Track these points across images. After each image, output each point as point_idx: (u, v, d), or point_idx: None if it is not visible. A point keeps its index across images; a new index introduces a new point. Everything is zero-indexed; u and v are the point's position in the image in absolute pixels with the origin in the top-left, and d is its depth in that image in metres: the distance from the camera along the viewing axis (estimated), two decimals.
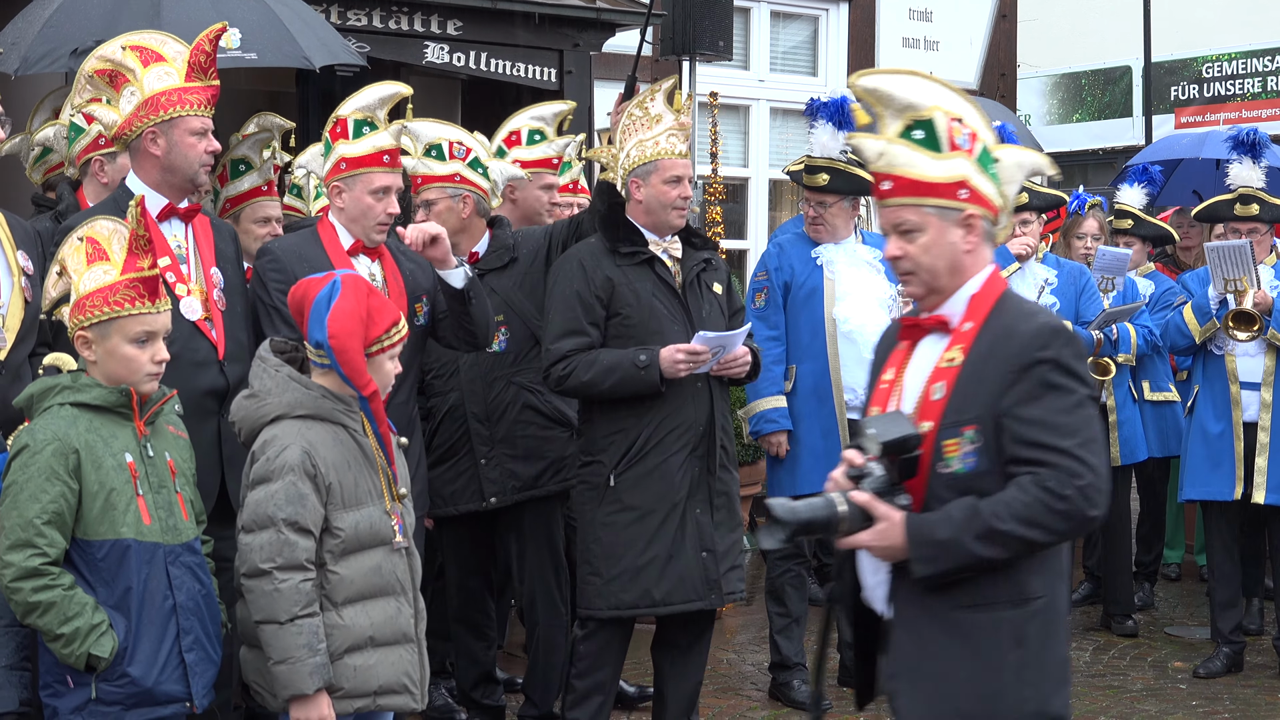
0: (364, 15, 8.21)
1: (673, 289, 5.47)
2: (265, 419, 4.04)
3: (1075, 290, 7.35)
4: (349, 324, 3.98)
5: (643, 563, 5.35)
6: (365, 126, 5.12)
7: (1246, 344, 7.07)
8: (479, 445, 5.93)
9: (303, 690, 3.89)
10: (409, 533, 4.19)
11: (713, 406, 5.47)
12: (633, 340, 5.38)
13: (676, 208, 5.47)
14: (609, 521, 5.39)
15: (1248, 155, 7.31)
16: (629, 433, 5.38)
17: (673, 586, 5.38)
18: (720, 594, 5.46)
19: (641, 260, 5.44)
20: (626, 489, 5.37)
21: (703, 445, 5.43)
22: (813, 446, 6.60)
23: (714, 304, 5.57)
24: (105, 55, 4.78)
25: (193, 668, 3.93)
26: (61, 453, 3.79)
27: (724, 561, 5.47)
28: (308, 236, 5.23)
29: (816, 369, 6.63)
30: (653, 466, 5.37)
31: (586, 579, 5.47)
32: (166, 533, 3.92)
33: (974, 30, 12.32)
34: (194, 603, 3.97)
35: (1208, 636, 7.67)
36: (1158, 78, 15.47)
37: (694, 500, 5.41)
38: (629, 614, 5.43)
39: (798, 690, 6.65)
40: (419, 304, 5.29)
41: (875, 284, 6.75)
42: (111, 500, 3.83)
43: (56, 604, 3.75)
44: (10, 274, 4.44)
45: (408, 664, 4.12)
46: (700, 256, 5.59)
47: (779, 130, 11.37)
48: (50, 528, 3.76)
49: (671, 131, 5.48)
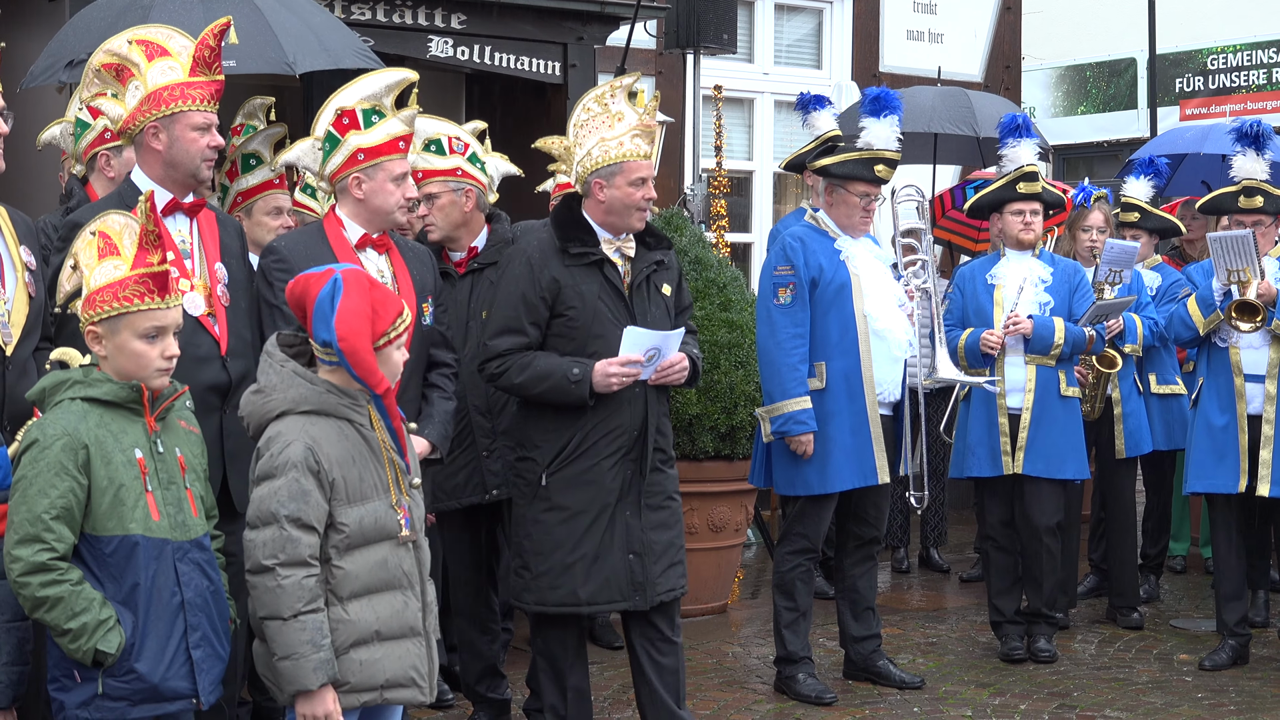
0: (368, 9, 8.20)
1: (619, 292, 5.44)
2: (271, 414, 4.04)
3: (1069, 288, 7.33)
4: (356, 323, 3.96)
5: (570, 562, 5.36)
6: (374, 115, 5.13)
7: (1250, 336, 7.06)
8: (481, 438, 5.94)
9: (307, 686, 3.90)
10: (417, 526, 4.18)
11: (647, 410, 5.44)
12: (574, 341, 5.36)
13: (640, 209, 5.44)
14: (539, 519, 5.40)
15: (1251, 147, 7.30)
16: (562, 434, 5.37)
17: (598, 587, 5.37)
18: (646, 596, 5.43)
19: (591, 261, 5.42)
20: (558, 490, 5.38)
21: (636, 449, 5.41)
22: (843, 444, 6.58)
23: (661, 306, 5.54)
24: (111, 49, 4.78)
25: (199, 664, 3.93)
26: (71, 448, 3.79)
27: (661, 561, 5.45)
28: (313, 232, 5.24)
29: (847, 365, 6.60)
30: (584, 469, 5.37)
31: (516, 571, 5.47)
32: (175, 529, 3.92)
33: (978, 23, 12.30)
34: (201, 599, 3.97)
35: (1213, 629, 7.67)
36: (1162, 70, 15.44)
37: (624, 503, 5.41)
38: (554, 611, 5.42)
39: (803, 684, 6.65)
40: (425, 304, 5.30)
41: (890, 282, 6.77)
42: (120, 496, 3.83)
43: (64, 599, 3.75)
44: (14, 269, 4.45)
45: (415, 658, 4.12)
46: (653, 258, 5.56)
47: (783, 123, 11.35)
48: (59, 523, 3.76)
49: (636, 132, 5.42)
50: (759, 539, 9.65)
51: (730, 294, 8.03)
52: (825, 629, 7.60)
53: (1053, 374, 7.25)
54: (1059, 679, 7.05)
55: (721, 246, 9.25)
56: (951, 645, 7.70)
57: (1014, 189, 7.36)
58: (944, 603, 8.74)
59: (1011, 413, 7.25)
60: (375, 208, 5.13)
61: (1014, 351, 7.25)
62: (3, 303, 4.38)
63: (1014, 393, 7.25)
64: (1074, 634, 7.88)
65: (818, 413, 6.54)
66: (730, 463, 7.91)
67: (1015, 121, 7.55)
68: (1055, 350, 7.17)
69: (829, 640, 7.46)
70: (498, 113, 9.53)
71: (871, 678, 6.89)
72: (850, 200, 6.70)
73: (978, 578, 8.85)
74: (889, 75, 11.48)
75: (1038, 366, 7.23)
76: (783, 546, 6.80)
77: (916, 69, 11.72)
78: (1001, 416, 7.24)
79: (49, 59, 6.29)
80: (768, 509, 9.49)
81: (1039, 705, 6.65)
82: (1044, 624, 7.41)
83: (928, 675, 7.03)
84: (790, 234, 6.79)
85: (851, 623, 6.91)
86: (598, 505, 5.37)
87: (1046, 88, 17.54)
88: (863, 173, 6.68)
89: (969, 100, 9.86)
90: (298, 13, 6.63)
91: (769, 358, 6.59)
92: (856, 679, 6.93)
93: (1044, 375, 7.24)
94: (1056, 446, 7.23)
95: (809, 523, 6.71)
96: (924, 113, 9.68)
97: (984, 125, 9.49)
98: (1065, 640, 7.69)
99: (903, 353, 6.73)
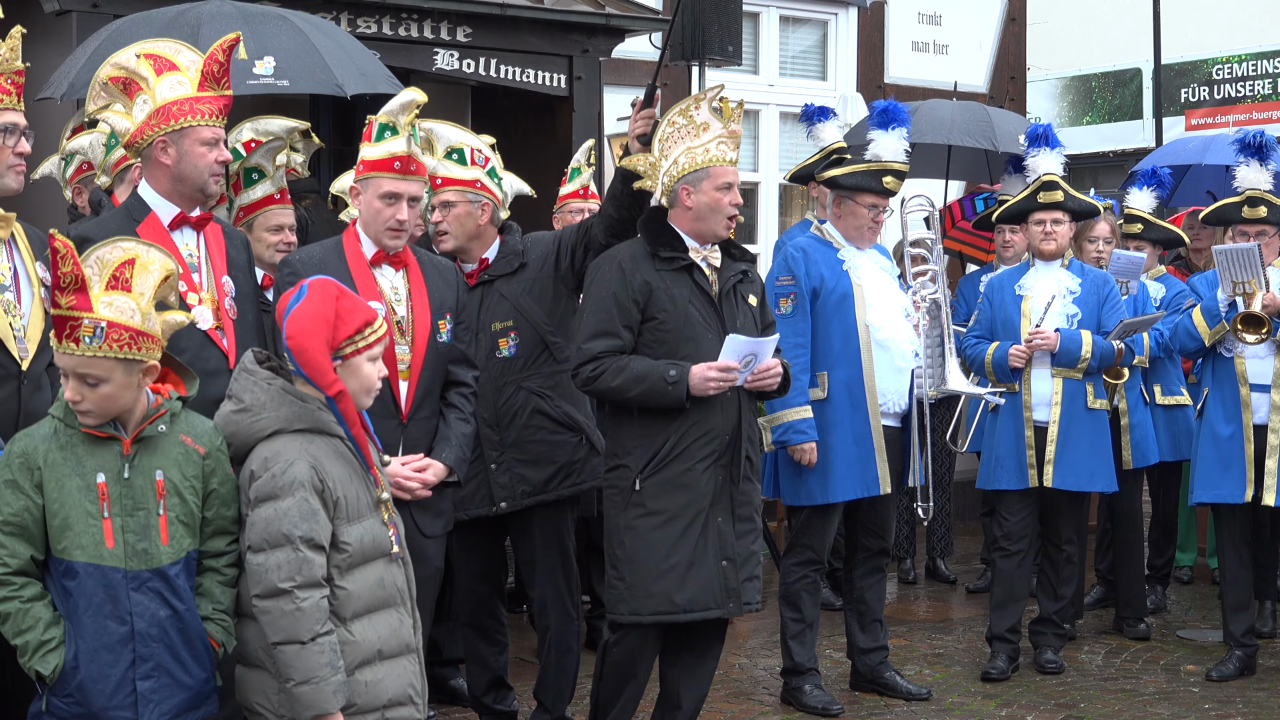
0: (374, 22, 8.23)
1: (709, 297, 5.47)
2: (261, 434, 3.96)
3: (1098, 300, 7.27)
4: (306, 324, 3.92)
5: (665, 568, 5.35)
6: (387, 131, 5.17)
7: (1256, 346, 7.06)
8: (489, 450, 5.93)
9: (327, 709, 3.84)
10: (403, 542, 4.17)
11: (740, 416, 5.46)
12: (666, 345, 5.38)
13: (728, 215, 5.47)
14: (633, 525, 5.39)
15: (1255, 158, 7.30)
16: (655, 438, 5.38)
17: (694, 593, 5.37)
18: (739, 603, 5.46)
19: (681, 266, 5.44)
20: (652, 494, 5.37)
21: (728, 454, 5.43)
22: (845, 454, 6.60)
23: (748, 315, 5.57)
24: (119, 63, 4.79)
25: (146, 696, 3.84)
26: (26, 467, 3.78)
27: (743, 571, 5.47)
28: (331, 247, 5.25)
29: (850, 376, 6.62)
30: (679, 473, 5.37)
31: (612, 583, 5.48)
32: (132, 557, 3.83)
33: (983, 34, 12.31)
34: (158, 629, 3.86)
35: (1220, 640, 7.67)
36: (1168, 80, 15.44)
37: (717, 508, 5.41)
38: (650, 619, 5.41)
39: (810, 695, 6.65)
40: (442, 320, 5.31)
41: (895, 292, 6.77)
42: (68, 522, 3.79)
43: (11, 615, 3.75)
44: (30, 285, 4.47)
45: (412, 675, 4.10)
46: (738, 268, 5.59)
47: (788, 135, 11.36)
48: (11, 538, 3.75)
49: (721, 139, 5.48)
50: (766, 550, 9.64)
51: None
52: (832, 640, 7.60)
53: (1080, 386, 7.20)
54: (1066, 690, 7.05)
55: None
56: (958, 656, 7.70)
57: (1035, 199, 7.36)
58: (950, 614, 8.74)
59: (1038, 425, 7.20)
60: (365, 221, 5.18)
61: (1040, 364, 7.21)
62: (19, 318, 4.39)
63: (1041, 406, 7.20)
64: (1081, 645, 7.88)
65: (820, 423, 6.55)
66: None
67: (1038, 131, 7.55)
68: (1082, 364, 7.14)
69: (836, 651, 7.46)
70: (503, 126, 9.55)
71: (878, 689, 6.89)
72: (858, 211, 6.72)
73: (984, 589, 8.85)
74: (894, 87, 11.49)
75: (1064, 379, 7.18)
76: (788, 558, 6.81)
77: (922, 80, 11.74)
78: (1028, 429, 7.22)
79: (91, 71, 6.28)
80: (774, 520, 9.48)
81: (1046, 716, 6.65)
82: (1051, 635, 7.41)
83: (934, 686, 7.04)
84: (793, 245, 6.81)
85: (859, 634, 6.91)
86: (692, 510, 5.37)
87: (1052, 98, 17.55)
88: (871, 184, 6.69)
89: (988, 115, 9.86)
90: (331, 36, 6.74)
91: None
92: (863, 690, 6.93)
93: (1070, 388, 7.19)
94: (1085, 459, 7.18)
95: (814, 534, 6.72)
96: (942, 125, 9.68)
97: (1003, 140, 9.48)
98: (1072, 651, 7.69)
99: (907, 363, 6.74)
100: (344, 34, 7.06)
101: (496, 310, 5.91)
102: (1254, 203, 7.21)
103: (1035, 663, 7.35)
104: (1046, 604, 7.41)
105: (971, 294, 8.92)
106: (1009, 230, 8.75)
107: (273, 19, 6.59)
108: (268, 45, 6.42)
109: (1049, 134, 7.50)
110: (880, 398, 6.65)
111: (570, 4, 8.85)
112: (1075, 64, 17.53)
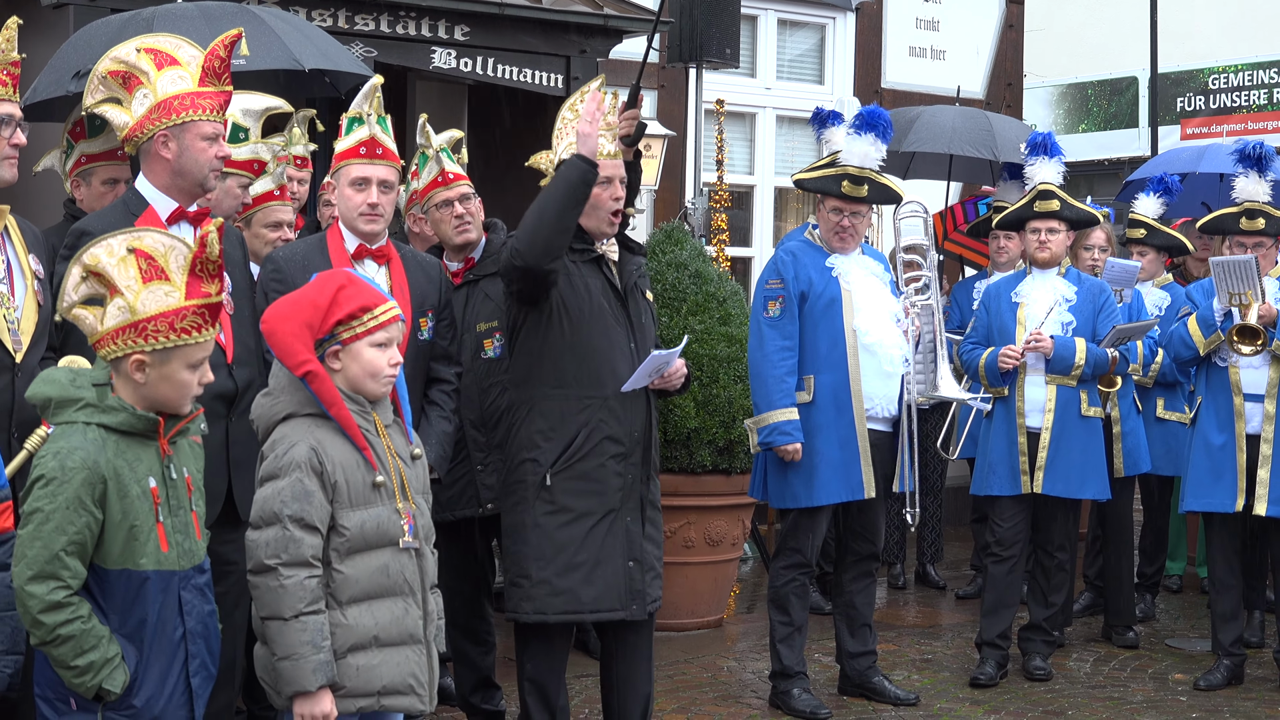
0: (371, 20, 8.22)
1: (617, 291, 5.44)
2: (278, 417, 4.05)
3: (1094, 308, 7.28)
4: (282, 308, 4.00)
5: (574, 564, 5.30)
6: (355, 124, 5.23)
7: (1250, 357, 7.07)
8: (475, 451, 5.93)
9: (305, 687, 3.89)
10: (421, 534, 4.17)
11: (649, 415, 5.45)
12: (579, 334, 5.31)
13: (611, 210, 5.39)
14: (540, 523, 5.32)
15: (1254, 169, 7.32)
16: (565, 432, 5.32)
17: (599, 593, 5.31)
18: (643, 605, 5.40)
19: (591, 259, 5.41)
20: (561, 490, 5.32)
21: (637, 453, 5.41)
22: (830, 457, 6.60)
23: (647, 310, 5.56)
24: (119, 56, 4.78)
25: (197, 692, 3.87)
26: (90, 482, 3.66)
27: (649, 570, 5.43)
28: (314, 244, 5.26)
29: (836, 380, 6.62)
30: (590, 469, 5.32)
31: (514, 581, 5.39)
32: (182, 558, 3.83)
33: (981, 40, 12.32)
34: (202, 625, 3.89)
35: (1209, 649, 7.68)
36: (1164, 89, 15.48)
37: (626, 508, 5.38)
38: (555, 619, 5.34)
39: (798, 699, 6.65)
40: (424, 318, 5.30)
41: (886, 297, 6.76)
42: (134, 533, 3.72)
43: (75, 637, 3.65)
44: (24, 278, 4.46)
45: (414, 665, 4.11)
46: (638, 261, 5.57)
47: (785, 138, 11.37)
48: (73, 559, 3.65)
49: (599, 131, 5.32)
50: (755, 553, 9.65)
51: (730, 308, 8.04)
52: (821, 644, 7.61)
53: (1074, 394, 7.21)
54: (1054, 697, 7.06)
55: (722, 261, 9.26)
56: (947, 662, 7.70)
57: (1031, 207, 7.37)
58: (940, 619, 8.75)
59: (1031, 432, 7.22)
60: (340, 212, 5.22)
61: (1034, 371, 7.22)
62: (13, 310, 4.39)
63: (1034, 412, 7.21)
64: (1069, 652, 7.89)
65: (805, 426, 6.56)
66: (728, 476, 7.91)
67: (1039, 139, 7.55)
68: (1076, 371, 7.16)
69: (825, 655, 7.46)
70: (500, 125, 9.56)
71: (866, 694, 6.89)
72: (825, 215, 6.73)
73: (974, 594, 8.86)
74: (891, 91, 11.50)
75: (1058, 386, 7.19)
76: (777, 561, 6.81)
77: (919, 85, 11.74)
78: (1021, 436, 7.22)
79: (53, 73, 6.31)
80: (765, 523, 9.49)
81: None
82: (1040, 642, 7.41)
83: (923, 692, 7.04)
84: (784, 248, 6.83)
85: (848, 638, 6.91)
86: (602, 509, 5.34)
87: (1048, 105, 17.59)
88: (830, 188, 6.70)
89: (989, 123, 9.87)
90: (294, 25, 6.72)
91: (757, 370, 6.63)
92: (851, 695, 6.93)
93: (1064, 395, 7.20)
94: (1077, 466, 7.19)
95: (801, 537, 6.71)
96: (944, 133, 9.69)
97: (1003, 149, 9.49)
98: (1060, 658, 7.70)
99: (896, 368, 6.72)
100: (312, 26, 7.02)
101: (481, 310, 5.91)
102: (1253, 215, 7.23)
103: (1024, 669, 7.36)
104: (1037, 611, 7.42)
105: (965, 300, 8.94)
106: (1004, 236, 8.77)
107: (231, 13, 6.54)
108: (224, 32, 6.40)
109: (1049, 142, 7.50)
110: (867, 402, 6.64)
111: (568, 4, 8.85)
112: (1072, 71, 17.58)
